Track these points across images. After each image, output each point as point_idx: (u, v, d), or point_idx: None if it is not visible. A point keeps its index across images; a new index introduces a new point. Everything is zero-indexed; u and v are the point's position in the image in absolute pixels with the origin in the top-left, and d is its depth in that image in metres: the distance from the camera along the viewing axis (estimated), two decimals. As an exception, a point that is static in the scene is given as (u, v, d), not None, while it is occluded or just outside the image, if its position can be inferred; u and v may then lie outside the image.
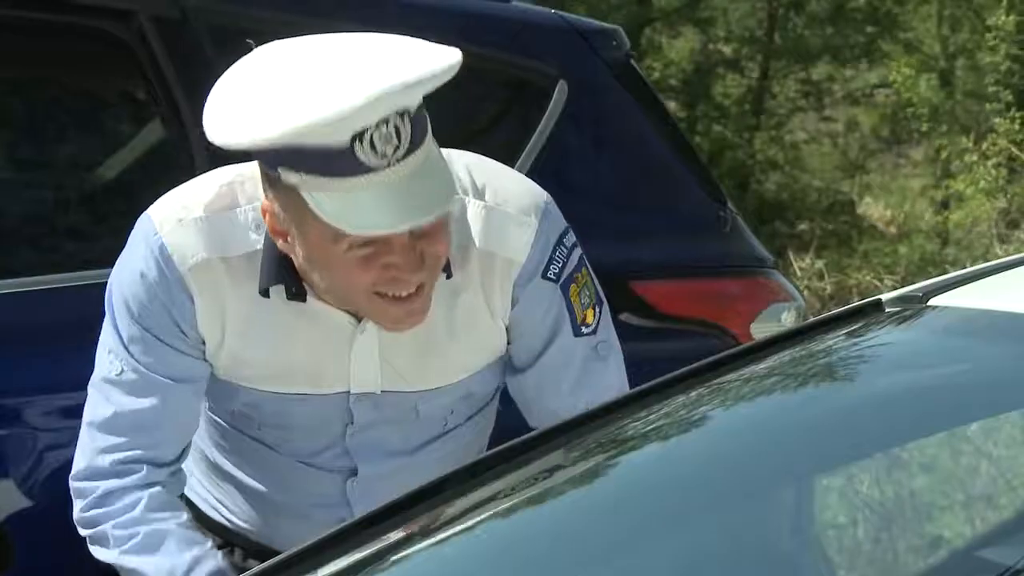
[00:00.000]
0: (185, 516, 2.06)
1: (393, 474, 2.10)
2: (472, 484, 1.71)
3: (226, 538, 2.24)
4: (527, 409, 2.14)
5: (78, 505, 2.08)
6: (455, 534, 1.67)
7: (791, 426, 1.79)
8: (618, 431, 1.79)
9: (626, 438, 1.80)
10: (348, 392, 2.07)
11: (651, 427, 1.81)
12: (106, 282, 2.29)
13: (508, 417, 2.21)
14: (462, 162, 2.03)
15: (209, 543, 2.05)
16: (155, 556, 2.02)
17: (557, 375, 2.08)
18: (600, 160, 2.96)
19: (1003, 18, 11.10)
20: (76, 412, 2.16)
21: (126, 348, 2.02)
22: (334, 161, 1.79)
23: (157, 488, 2.04)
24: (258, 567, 1.65)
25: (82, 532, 2.08)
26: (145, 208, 2.08)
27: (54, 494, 2.49)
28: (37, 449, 2.52)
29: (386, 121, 1.78)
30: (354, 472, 2.13)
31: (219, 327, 2.02)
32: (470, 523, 1.69)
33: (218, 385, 2.10)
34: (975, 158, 10.54)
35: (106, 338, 2.06)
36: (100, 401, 2.06)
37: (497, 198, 2.01)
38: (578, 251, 2.07)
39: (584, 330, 2.08)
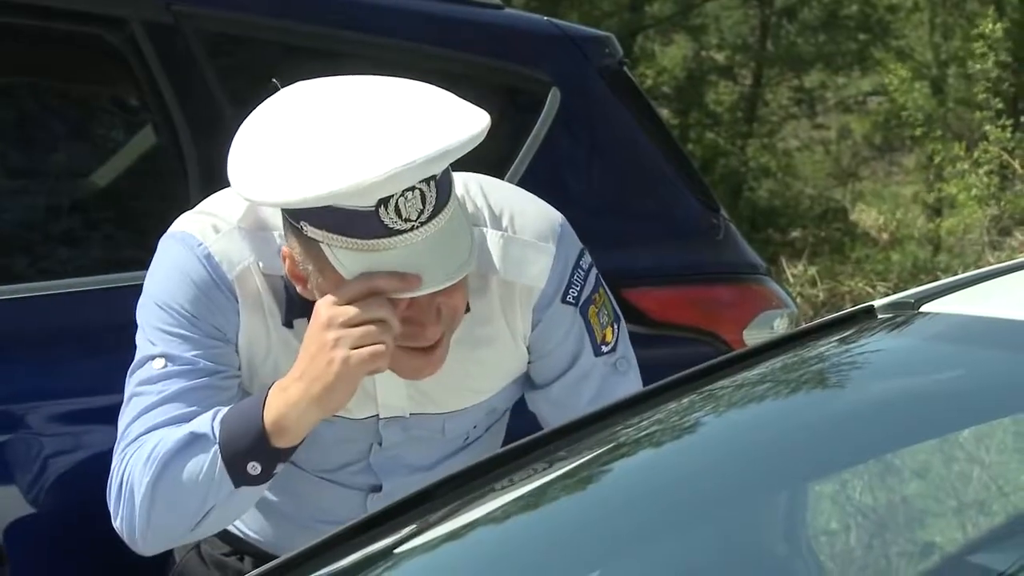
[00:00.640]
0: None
1: (411, 489, 2.09)
2: (463, 491, 1.71)
3: (236, 546, 2.23)
4: (544, 422, 2.15)
5: (112, 501, 2.00)
6: (445, 541, 1.67)
7: (783, 432, 1.79)
8: (610, 437, 1.79)
9: (619, 444, 1.80)
10: (377, 417, 2.08)
11: (643, 433, 1.81)
12: (98, 289, 2.29)
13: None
14: (476, 185, 2.04)
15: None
16: (178, 430, 1.93)
17: (577, 392, 2.10)
18: (593, 167, 2.96)
19: (991, 26, 11.13)
20: (71, 419, 2.16)
21: (168, 344, 1.98)
22: (359, 223, 1.81)
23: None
24: (260, 568, 1.65)
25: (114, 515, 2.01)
26: (137, 213, 2.08)
27: (48, 504, 2.49)
28: (30, 458, 2.51)
29: (412, 188, 1.80)
30: (377, 488, 2.14)
31: (255, 337, 2.00)
32: (461, 530, 1.69)
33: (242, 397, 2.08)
34: (967, 166, 10.56)
35: (148, 346, 2.00)
36: (141, 395, 1.99)
37: (514, 226, 2.02)
38: (594, 272, 2.09)
39: (604, 349, 2.10)
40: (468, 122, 1.83)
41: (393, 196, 1.79)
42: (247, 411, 1.93)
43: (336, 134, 1.82)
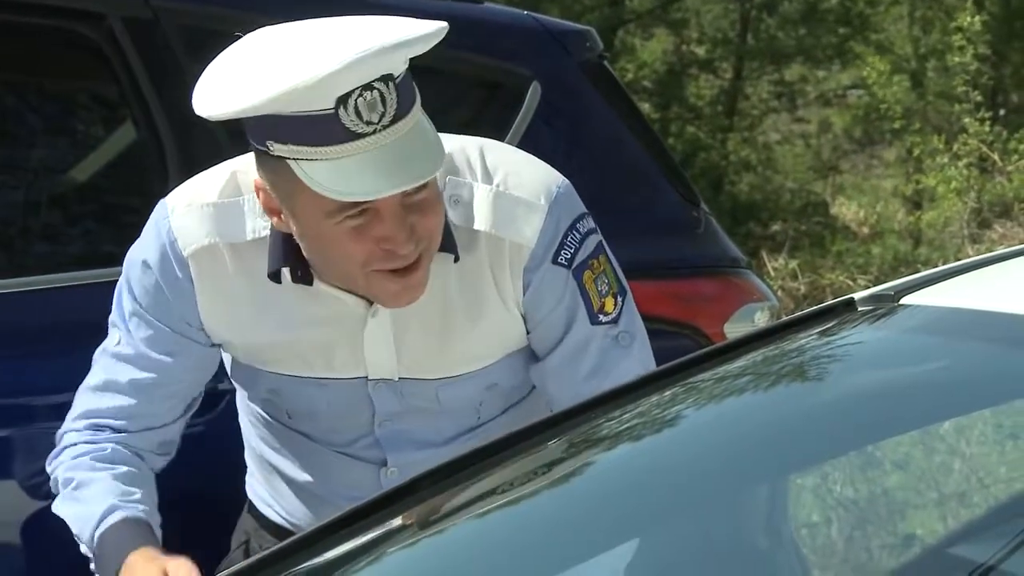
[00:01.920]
0: (126, 469, 2.07)
1: (425, 465, 2.09)
2: (443, 485, 1.71)
3: (280, 538, 2.23)
4: (547, 397, 2.13)
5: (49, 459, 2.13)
6: (424, 536, 1.67)
7: (764, 425, 1.79)
8: (592, 431, 1.79)
9: (600, 438, 1.80)
10: (366, 378, 2.08)
11: (625, 427, 1.81)
12: (77, 285, 2.28)
13: None
14: (476, 145, 2.04)
15: (137, 493, 2.06)
16: (77, 505, 2.06)
17: (575, 363, 2.07)
18: (573, 161, 2.95)
19: (969, 19, 11.16)
20: (45, 415, 2.16)
21: (125, 322, 2.08)
22: (320, 129, 1.81)
23: (116, 445, 2.08)
24: (252, 558, 1.65)
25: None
26: (117, 209, 2.09)
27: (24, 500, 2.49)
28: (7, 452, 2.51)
29: (370, 88, 1.80)
30: (385, 462, 2.15)
31: (225, 312, 2.04)
32: (440, 524, 1.69)
33: (242, 371, 2.14)
34: (946, 159, 10.59)
35: (113, 311, 2.11)
36: (96, 369, 2.12)
37: (508, 182, 2.01)
38: (595, 237, 2.07)
39: (603, 318, 2.07)
40: (423, 23, 1.84)
41: (351, 95, 1.79)
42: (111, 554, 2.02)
43: (291, 43, 1.83)
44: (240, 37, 1.91)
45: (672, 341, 2.87)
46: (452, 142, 2.01)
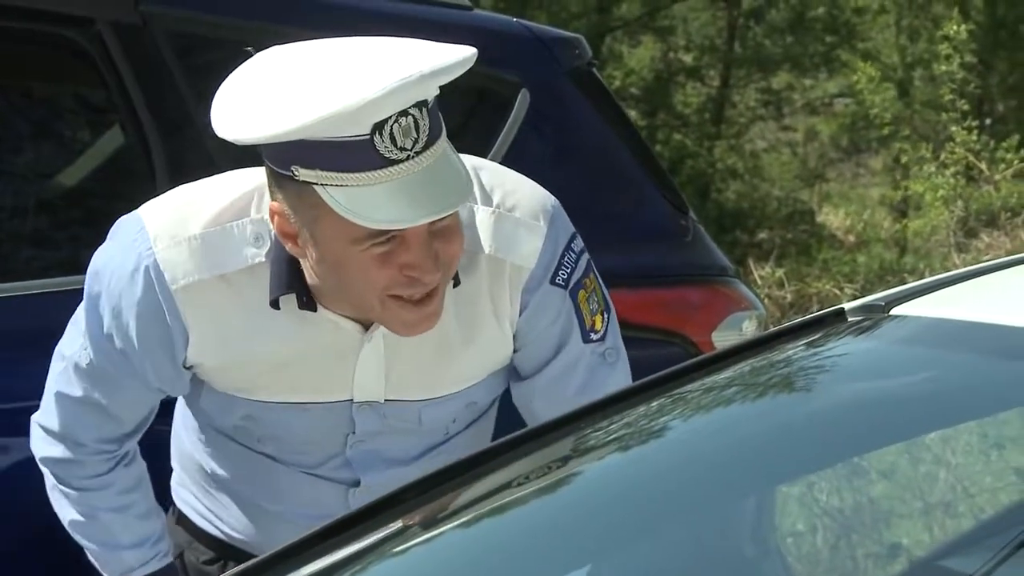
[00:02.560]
0: (131, 484, 2.12)
1: (391, 483, 2.08)
2: (431, 495, 1.70)
3: (219, 551, 2.23)
4: (531, 415, 2.12)
5: (37, 441, 2.13)
6: (413, 546, 1.67)
7: (752, 436, 1.79)
8: (579, 441, 1.78)
9: (587, 448, 1.80)
10: (351, 401, 2.06)
11: (612, 437, 1.80)
12: (63, 290, 2.27)
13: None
14: (469, 165, 2.00)
15: (157, 525, 2.13)
16: (107, 551, 2.12)
17: (564, 381, 2.07)
18: (562, 168, 2.96)
19: (956, 28, 11.19)
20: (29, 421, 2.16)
21: (95, 339, 2.02)
22: (353, 155, 1.78)
23: (106, 456, 2.10)
24: (240, 567, 1.65)
25: (44, 472, 2.15)
26: (104, 213, 2.06)
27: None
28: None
29: (405, 113, 1.78)
30: (356, 483, 2.12)
31: (212, 343, 1.99)
32: (428, 534, 1.69)
33: (216, 398, 2.08)
34: (933, 168, 10.61)
35: (80, 318, 2.05)
36: (65, 376, 2.08)
37: (506, 203, 2.00)
38: (586, 256, 2.07)
39: (593, 336, 2.07)
40: (455, 49, 1.81)
41: (388, 121, 1.77)
42: None
43: (325, 67, 1.80)
44: (251, 54, 1.88)
45: (660, 349, 2.87)
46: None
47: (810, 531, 2.05)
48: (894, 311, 1.85)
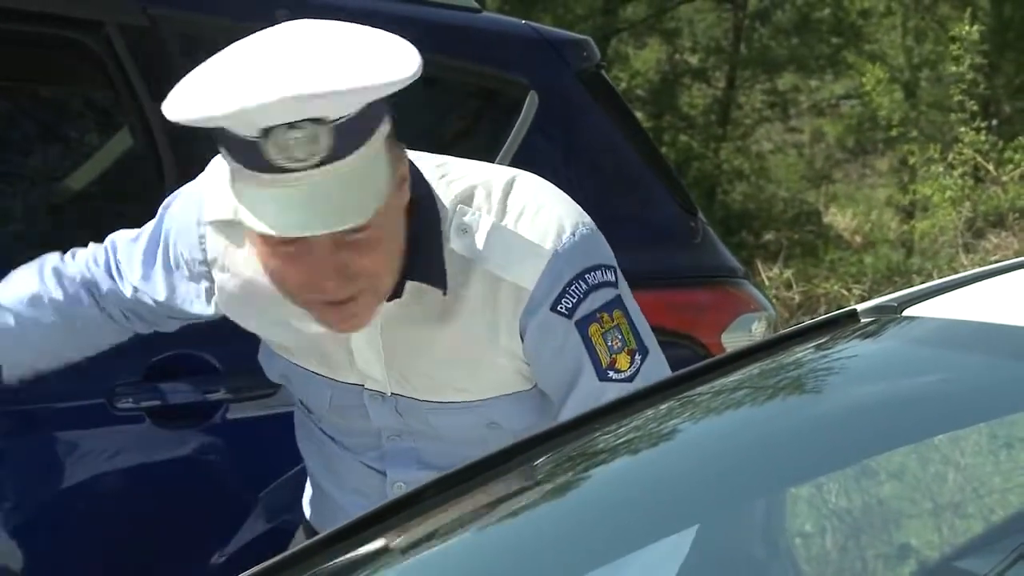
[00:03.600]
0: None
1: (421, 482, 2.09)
2: (441, 498, 1.70)
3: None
4: None
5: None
6: (423, 548, 1.67)
7: (763, 437, 1.79)
8: (589, 444, 1.78)
9: (597, 451, 1.79)
10: (363, 386, 2.08)
11: (622, 440, 1.80)
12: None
13: None
14: (506, 177, 1.98)
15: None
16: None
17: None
18: (571, 170, 2.96)
19: (967, 28, 11.18)
20: (23, 423, 2.17)
21: (150, 235, 2.14)
22: (247, 153, 1.79)
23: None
24: (259, 567, 1.65)
25: None
26: (113, 216, 2.09)
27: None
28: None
29: (297, 127, 1.75)
30: (384, 474, 2.15)
31: (229, 289, 2.06)
32: (439, 537, 1.69)
33: (263, 348, 2.16)
34: (941, 169, 10.61)
35: (144, 227, 2.17)
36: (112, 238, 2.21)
37: (520, 220, 1.95)
38: (609, 291, 1.99)
39: (613, 375, 1.99)
40: (383, 69, 1.77)
41: (276, 130, 1.75)
42: None
43: (250, 58, 1.80)
44: (285, 16, 1.91)
45: (669, 351, 2.86)
46: (486, 173, 1.97)
47: (820, 532, 2.05)
48: (907, 312, 1.85)
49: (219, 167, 2.01)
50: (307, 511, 2.31)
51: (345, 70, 1.76)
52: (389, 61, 1.78)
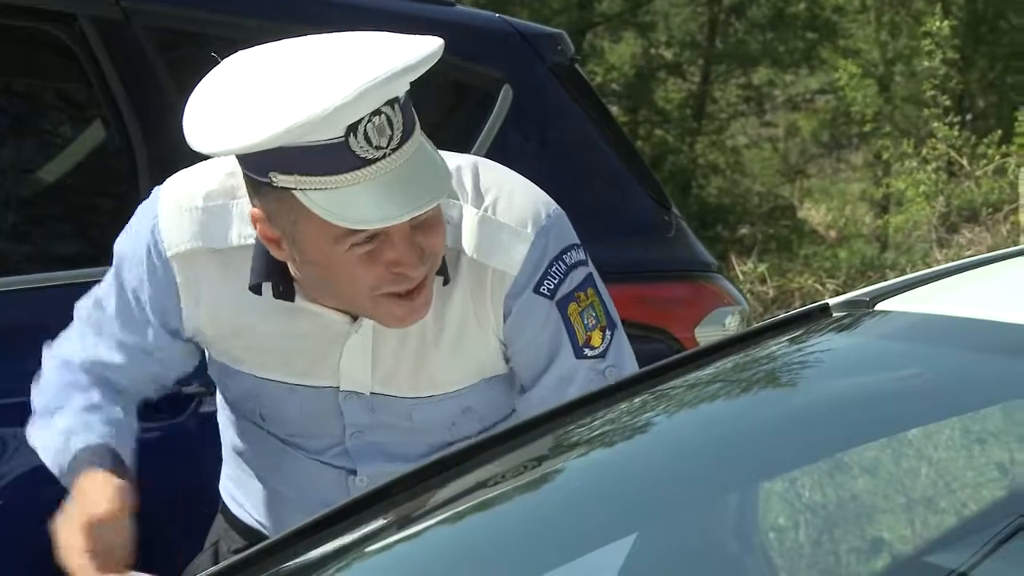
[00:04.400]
0: (95, 397, 2.07)
1: (390, 478, 2.08)
2: (415, 491, 1.70)
3: (249, 540, 2.22)
4: None
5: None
6: (394, 542, 1.67)
7: (735, 431, 1.79)
8: (562, 437, 1.78)
9: (570, 444, 1.80)
10: (337, 388, 2.06)
11: (596, 433, 1.80)
12: (42, 287, 2.26)
13: None
14: (470, 165, 2.01)
15: (101, 418, 2.06)
16: (48, 432, 2.06)
17: (560, 396, 2.02)
18: (545, 164, 2.96)
19: (938, 23, 11.21)
20: (7, 417, 2.15)
21: (115, 286, 2.06)
22: (330, 158, 1.78)
23: (92, 376, 2.09)
24: (236, 557, 1.64)
25: None
26: (84, 212, 2.07)
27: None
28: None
29: (378, 112, 1.78)
30: (354, 472, 2.13)
31: (206, 313, 2.02)
32: (409, 530, 1.68)
33: (216, 367, 2.12)
34: (915, 164, 10.64)
35: (101, 285, 2.11)
36: (90, 315, 2.10)
37: (497, 207, 1.98)
38: (583, 270, 2.03)
39: (588, 352, 2.03)
40: (423, 43, 1.81)
41: (361, 121, 1.77)
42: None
43: (294, 71, 1.79)
44: (218, 60, 1.87)
45: (642, 345, 2.86)
46: (449, 161, 1.98)
47: (793, 526, 2.05)
48: (879, 307, 1.85)
49: (166, 198, 1.99)
50: (258, 521, 2.25)
51: (390, 52, 1.79)
52: (414, 38, 1.82)
